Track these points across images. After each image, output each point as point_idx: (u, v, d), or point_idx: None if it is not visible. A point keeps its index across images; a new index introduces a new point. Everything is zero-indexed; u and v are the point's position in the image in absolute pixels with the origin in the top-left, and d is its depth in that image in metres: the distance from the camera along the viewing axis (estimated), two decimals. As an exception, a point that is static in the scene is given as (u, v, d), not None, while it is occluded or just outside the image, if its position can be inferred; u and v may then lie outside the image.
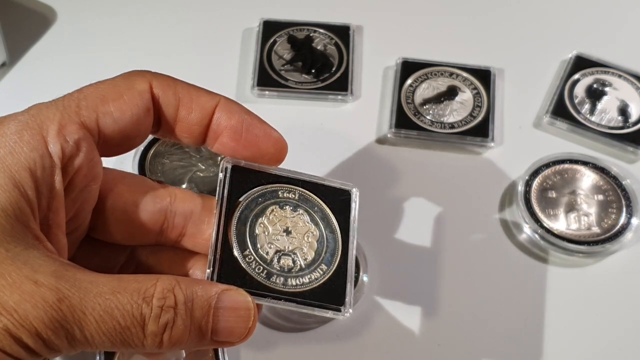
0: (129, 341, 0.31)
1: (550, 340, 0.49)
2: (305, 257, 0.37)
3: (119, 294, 0.31)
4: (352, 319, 0.49)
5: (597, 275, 0.52)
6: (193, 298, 0.32)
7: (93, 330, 0.31)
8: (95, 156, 0.35)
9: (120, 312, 0.31)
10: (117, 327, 0.31)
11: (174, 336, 0.32)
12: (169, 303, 0.32)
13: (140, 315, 0.31)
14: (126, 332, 0.31)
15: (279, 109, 0.58)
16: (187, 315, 0.32)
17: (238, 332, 0.34)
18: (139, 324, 0.31)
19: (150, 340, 0.32)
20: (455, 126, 0.57)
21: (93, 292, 0.31)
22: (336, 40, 0.61)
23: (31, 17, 0.63)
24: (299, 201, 0.39)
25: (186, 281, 0.33)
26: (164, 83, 0.37)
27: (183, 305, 0.32)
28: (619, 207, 0.53)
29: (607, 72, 0.59)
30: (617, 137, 0.56)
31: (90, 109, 0.35)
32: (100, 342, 0.31)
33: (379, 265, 0.51)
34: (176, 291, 0.32)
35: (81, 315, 0.30)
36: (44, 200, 0.33)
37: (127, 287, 0.31)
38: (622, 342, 0.49)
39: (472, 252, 0.52)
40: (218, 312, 0.33)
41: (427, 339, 0.49)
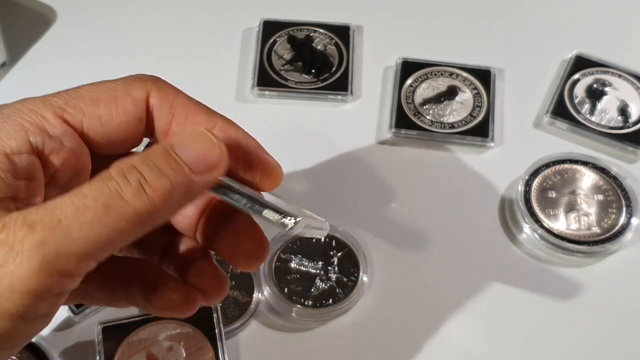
0: (122, 216, 0.31)
1: (550, 340, 0.49)
2: None
3: (80, 189, 0.31)
4: (352, 318, 0.50)
5: (597, 275, 0.52)
6: (149, 157, 0.32)
7: (79, 228, 0.30)
8: (82, 149, 0.36)
9: (92, 199, 0.30)
10: (99, 211, 0.30)
11: (155, 184, 0.31)
12: (127, 168, 0.31)
13: (110, 190, 0.31)
14: (110, 211, 0.30)
15: (279, 109, 0.58)
16: (150, 166, 0.32)
17: (212, 153, 0.33)
18: (115, 196, 0.31)
19: (137, 202, 0.31)
20: (455, 126, 0.57)
21: (58, 203, 0.30)
22: (336, 40, 0.61)
23: (31, 17, 0.63)
24: None
25: (135, 155, 0.33)
26: (163, 94, 0.37)
27: (142, 164, 0.32)
28: (619, 207, 0.53)
29: (607, 72, 0.59)
30: (617, 137, 0.56)
31: (77, 109, 0.35)
32: (99, 233, 0.30)
33: (379, 265, 0.51)
34: (129, 160, 0.32)
35: (57, 224, 0.30)
36: (21, 187, 0.33)
37: (84, 184, 0.31)
38: (622, 342, 0.49)
39: (472, 252, 0.52)
40: (179, 151, 0.32)
41: (427, 339, 0.49)
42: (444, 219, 0.54)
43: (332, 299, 0.50)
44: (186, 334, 0.47)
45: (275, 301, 0.50)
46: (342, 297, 0.50)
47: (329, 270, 0.51)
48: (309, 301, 0.50)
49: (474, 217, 0.54)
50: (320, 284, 0.50)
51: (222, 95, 0.59)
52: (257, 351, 0.49)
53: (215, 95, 0.59)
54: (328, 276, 0.50)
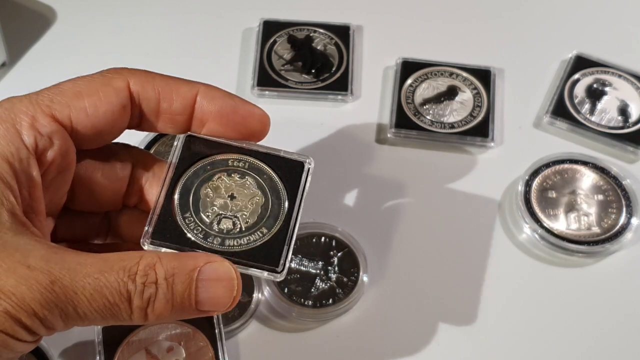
0: (118, 315, 0.34)
1: (550, 340, 0.49)
2: (247, 221, 0.38)
3: (106, 273, 0.33)
4: (352, 318, 0.50)
5: (597, 275, 0.52)
6: (174, 273, 0.34)
7: (85, 308, 0.33)
8: (69, 147, 0.37)
9: (109, 290, 0.33)
10: (107, 303, 0.33)
11: (157, 309, 0.34)
12: (151, 279, 0.34)
13: (126, 292, 0.33)
14: (115, 307, 0.33)
15: (279, 109, 0.58)
16: (168, 289, 0.34)
17: (222, 301, 0.36)
18: (125, 300, 0.33)
19: (136, 313, 0.34)
20: (455, 126, 0.57)
21: (82, 273, 0.33)
22: (336, 40, 0.61)
23: (31, 17, 0.63)
24: (247, 169, 0.40)
25: (168, 257, 0.35)
26: (142, 79, 0.38)
27: (164, 281, 0.34)
28: (619, 207, 0.53)
29: (607, 72, 0.59)
30: (617, 137, 0.56)
31: (63, 104, 0.36)
32: (93, 318, 0.33)
33: (379, 265, 0.51)
34: (157, 267, 0.34)
35: (73, 295, 0.32)
36: (24, 190, 0.35)
37: (114, 266, 0.33)
38: (622, 342, 0.49)
39: (472, 252, 0.52)
40: (200, 284, 0.35)
41: (427, 339, 0.49)
42: (444, 219, 0.54)
43: (332, 299, 0.50)
44: (186, 334, 0.47)
45: (275, 301, 0.50)
46: (342, 297, 0.50)
47: (329, 270, 0.51)
48: (309, 301, 0.50)
49: (474, 217, 0.54)
50: (320, 284, 0.50)
51: (222, 95, 0.59)
52: (257, 351, 0.49)
53: (215, 95, 0.59)
54: (328, 276, 0.50)
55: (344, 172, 0.55)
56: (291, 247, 0.38)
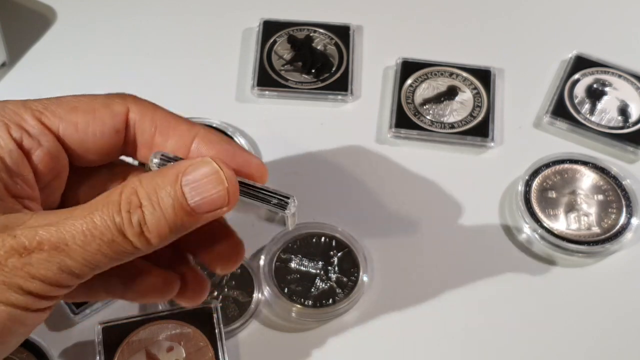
0: (122, 250, 0.34)
1: (550, 340, 0.49)
2: None
3: (90, 215, 0.33)
4: (352, 318, 0.50)
5: (597, 275, 0.52)
6: (156, 189, 0.34)
7: (82, 255, 0.33)
8: (59, 153, 0.37)
9: (99, 231, 0.33)
10: (103, 244, 0.33)
11: (153, 229, 0.34)
12: (135, 204, 0.34)
13: (115, 226, 0.33)
14: (114, 245, 0.33)
15: (279, 109, 0.58)
16: (155, 207, 0.34)
17: (217, 197, 0.35)
18: (119, 233, 0.33)
19: (136, 241, 0.34)
20: (455, 126, 0.57)
21: (68, 225, 0.33)
22: (336, 40, 0.61)
23: (31, 17, 0.63)
24: None
25: (149, 175, 0.35)
26: (143, 109, 0.38)
27: (147, 201, 0.34)
28: (619, 207, 0.53)
29: (607, 72, 0.59)
30: (617, 137, 0.56)
31: (55, 114, 0.37)
32: (98, 261, 0.33)
33: (379, 265, 0.51)
34: (138, 191, 0.34)
35: (65, 247, 0.33)
36: (18, 185, 0.35)
37: (98, 207, 0.34)
38: (622, 342, 0.49)
39: (472, 252, 0.52)
40: (186, 189, 0.34)
41: (427, 339, 0.49)
42: (444, 219, 0.54)
43: (332, 299, 0.50)
44: (186, 334, 0.47)
45: (275, 301, 0.50)
46: (342, 297, 0.50)
47: (329, 270, 0.51)
48: (309, 301, 0.50)
49: (474, 217, 0.54)
50: (320, 284, 0.50)
51: (222, 95, 0.59)
52: (257, 351, 0.49)
53: (215, 95, 0.59)
54: (328, 276, 0.50)
55: (344, 172, 0.55)
56: None
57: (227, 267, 0.40)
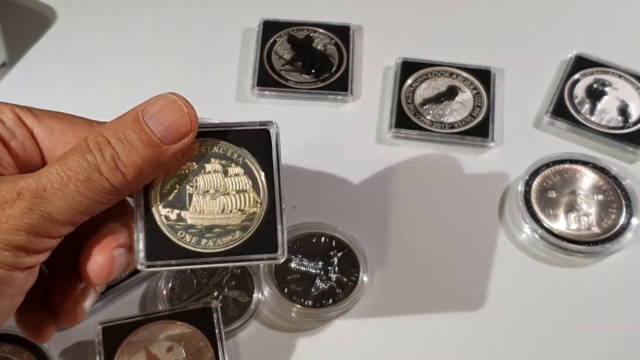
0: (100, 189, 0.35)
1: (550, 340, 0.49)
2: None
3: (62, 161, 0.34)
4: (352, 318, 0.50)
5: (597, 275, 0.52)
6: (120, 128, 0.35)
7: (62, 198, 0.34)
8: (33, 147, 0.38)
9: (74, 171, 0.34)
10: (80, 184, 0.34)
11: (127, 161, 0.35)
12: (103, 142, 0.35)
13: (89, 164, 0.34)
14: (91, 183, 0.34)
15: (279, 109, 0.58)
16: (124, 142, 0.35)
17: (180, 123, 0.36)
18: (95, 170, 0.34)
19: (113, 177, 0.35)
20: (455, 126, 0.57)
21: (44, 172, 0.34)
22: (336, 40, 0.61)
23: (31, 17, 0.63)
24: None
25: (109, 123, 0.36)
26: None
27: (115, 138, 0.35)
28: (619, 207, 0.53)
29: (607, 72, 0.59)
30: (617, 137, 0.56)
31: (35, 115, 0.38)
32: (78, 204, 0.34)
33: (379, 265, 0.51)
34: (104, 132, 0.35)
35: (43, 193, 0.34)
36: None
37: (67, 154, 0.35)
38: (622, 342, 0.49)
39: (472, 252, 0.52)
40: (150, 122, 0.36)
41: (427, 339, 0.49)
42: (443, 219, 0.54)
43: (332, 299, 0.50)
44: (186, 334, 0.47)
45: (275, 301, 0.50)
46: (342, 297, 0.50)
47: (329, 270, 0.51)
48: (309, 301, 0.50)
49: (474, 217, 0.54)
50: (320, 284, 0.50)
51: (222, 95, 0.59)
52: (257, 351, 0.49)
53: (215, 95, 0.59)
54: (328, 276, 0.50)
55: (344, 172, 0.55)
56: (284, 225, 0.37)
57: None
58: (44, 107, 0.59)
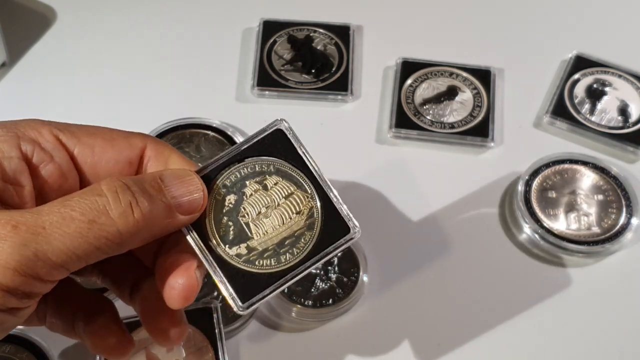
0: (104, 234, 0.32)
1: (550, 340, 0.49)
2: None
3: (68, 200, 0.32)
4: (352, 318, 0.50)
5: (597, 275, 0.52)
6: (140, 180, 0.34)
7: (61, 239, 0.31)
8: (71, 171, 0.36)
9: (79, 212, 0.32)
10: (83, 225, 0.32)
11: (145, 211, 0.33)
12: (120, 186, 0.33)
13: (98, 205, 0.32)
14: (95, 226, 0.32)
15: (279, 109, 0.58)
16: (143, 192, 0.34)
17: (194, 197, 0.35)
18: (102, 213, 0.32)
19: (122, 222, 0.33)
20: (455, 126, 0.57)
21: (45, 210, 0.32)
22: (336, 40, 0.61)
23: (31, 17, 0.63)
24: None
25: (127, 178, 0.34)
26: (160, 149, 0.38)
27: (136, 186, 0.34)
28: (619, 207, 0.53)
29: (607, 72, 0.59)
30: (617, 137, 0.56)
31: (74, 135, 0.37)
32: (78, 247, 0.32)
33: (379, 265, 0.51)
34: (123, 180, 0.34)
35: (42, 230, 0.31)
36: (10, 191, 0.35)
37: (75, 194, 0.33)
38: (622, 342, 0.49)
39: (472, 252, 0.52)
40: (166, 184, 0.35)
41: (427, 339, 0.49)
42: (443, 219, 0.54)
43: (332, 299, 0.50)
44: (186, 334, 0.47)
45: (275, 301, 0.50)
46: (342, 297, 0.50)
47: (329, 270, 0.51)
48: (309, 301, 0.50)
49: (474, 217, 0.54)
50: (320, 284, 0.50)
51: (222, 95, 0.59)
52: (257, 351, 0.49)
53: (215, 95, 0.59)
54: (328, 276, 0.50)
55: (344, 172, 0.55)
56: (341, 201, 0.38)
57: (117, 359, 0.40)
58: (44, 107, 0.59)
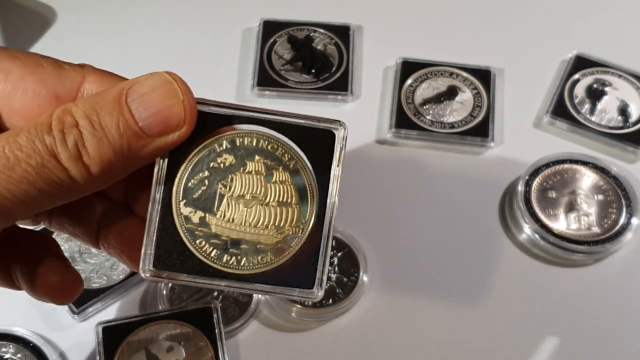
0: (55, 180, 0.27)
1: (550, 339, 0.49)
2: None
3: (16, 136, 0.27)
4: (352, 318, 0.50)
5: (597, 275, 0.52)
6: (94, 107, 0.28)
7: (5, 184, 0.27)
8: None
9: (25, 153, 0.27)
10: (30, 169, 0.27)
11: (94, 153, 0.28)
12: (69, 123, 0.28)
13: (45, 147, 0.27)
14: (43, 171, 0.27)
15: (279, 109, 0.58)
16: (95, 127, 0.28)
17: (171, 112, 0.29)
18: (50, 155, 0.27)
19: (72, 168, 0.28)
20: (455, 126, 0.57)
21: None
22: (336, 40, 0.61)
23: (31, 17, 0.63)
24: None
25: (84, 98, 0.29)
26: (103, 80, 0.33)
27: (85, 120, 0.28)
28: (619, 207, 0.53)
29: (607, 72, 0.59)
30: (617, 137, 0.56)
31: None
32: (25, 193, 0.27)
33: (379, 265, 0.51)
34: (72, 110, 0.28)
35: None
36: None
37: (23, 129, 0.28)
38: (621, 342, 0.49)
39: (472, 252, 0.52)
40: (133, 105, 0.28)
41: (427, 339, 0.49)
42: (443, 219, 0.54)
43: (332, 299, 0.50)
44: (186, 334, 0.47)
45: (275, 301, 0.50)
46: (342, 297, 0.50)
47: (329, 270, 0.51)
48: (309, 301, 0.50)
49: (474, 217, 0.54)
50: (320, 284, 0.50)
51: (222, 95, 0.59)
52: (257, 351, 0.49)
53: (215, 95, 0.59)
54: (328, 276, 0.50)
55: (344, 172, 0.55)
56: (327, 257, 0.30)
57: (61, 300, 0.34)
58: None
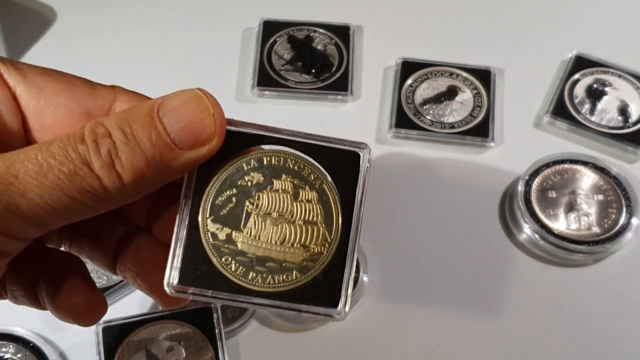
0: (87, 188, 0.28)
1: (550, 339, 0.49)
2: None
3: (49, 145, 0.28)
4: (352, 318, 0.50)
5: (597, 275, 0.52)
6: (127, 120, 0.29)
7: (38, 191, 0.27)
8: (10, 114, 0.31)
9: (58, 160, 0.28)
10: (63, 176, 0.28)
11: (128, 161, 0.28)
12: (102, 133, 0.28)
13: (78, 155, 0.28)
14: (76, 178, 0.28)
15: (279, 109, 0.58)
16: (128, 137, 0.28)
17: (203, 125, 0.29)
18: (83, 163, 0.28)
19: (105, 176, 0.28)
20: (455, 126, 0.57)
21: (20, 157, 0.28)
22: (336, 40, 0.61)
23: (31, 17, 0.63)
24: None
25: (116, 113, 0.30)
26: (134, 100, 0.33)
27: (118, 131, 0.28)
28: (619, 207, 0.53)
29: (607, 72, 0.59)
30: (617, 137, 0.56)
31: (20, 71, 0.32)
32: (57, 201, 0.27)
33: (379, 265, 0.51)
34: (105, 123, 0.29)
35: (13, 179, 0.27)
36: None
37: (55, 139, 0.28)
38: (621, 342, 0.49)
39: (472, 252, 0.52)
40: (165, 118, 0.29)
41: (427, 339, 0.49)
42: (443, 219, 0.54)
43: (332, 299, 0.50)
44: (186, 334, 0.47)
45: (275, 301, 0.50)
46: (342, 297, 0.50)
47: (329, 270, 0.51)
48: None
49: (473, 217, 0.54)
50: (320, 284, 0.50)
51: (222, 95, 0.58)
52: (257, 351, 0.49)
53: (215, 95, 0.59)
54: (328, 276, 0.50)
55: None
56: (352, 276, 0.31)
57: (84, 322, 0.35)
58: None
